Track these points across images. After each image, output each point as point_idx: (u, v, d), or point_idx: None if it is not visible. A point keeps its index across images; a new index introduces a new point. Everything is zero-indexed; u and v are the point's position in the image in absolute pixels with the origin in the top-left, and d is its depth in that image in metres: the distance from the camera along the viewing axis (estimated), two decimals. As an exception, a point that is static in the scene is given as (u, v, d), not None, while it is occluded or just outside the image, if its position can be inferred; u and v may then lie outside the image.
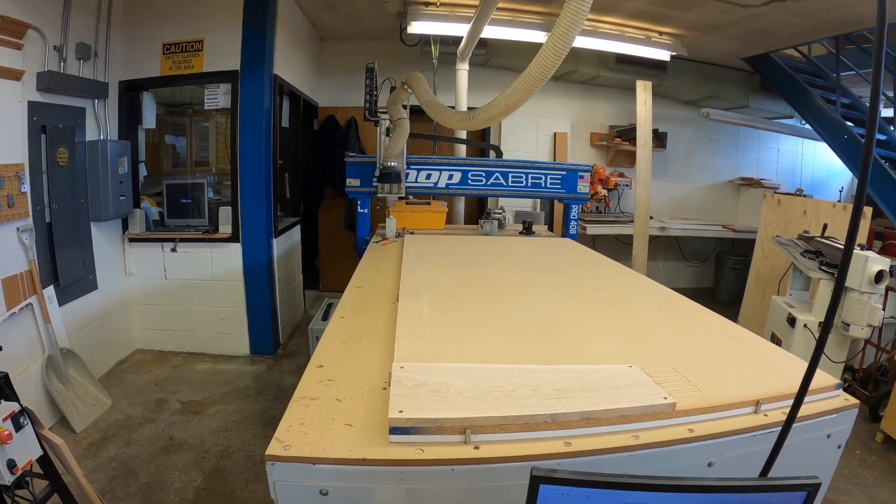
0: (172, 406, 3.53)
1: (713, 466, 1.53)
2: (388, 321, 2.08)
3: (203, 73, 4.23)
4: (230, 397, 3.68)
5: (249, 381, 3.93)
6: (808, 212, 4.85)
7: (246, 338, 4.42)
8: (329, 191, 6.29)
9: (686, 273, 7.41)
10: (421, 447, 1.21)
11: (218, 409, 3.51)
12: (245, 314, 4.37)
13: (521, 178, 4.38)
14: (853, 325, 3.27)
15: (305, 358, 4.40)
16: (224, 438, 3.18)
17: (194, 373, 4.02)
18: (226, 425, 3.32)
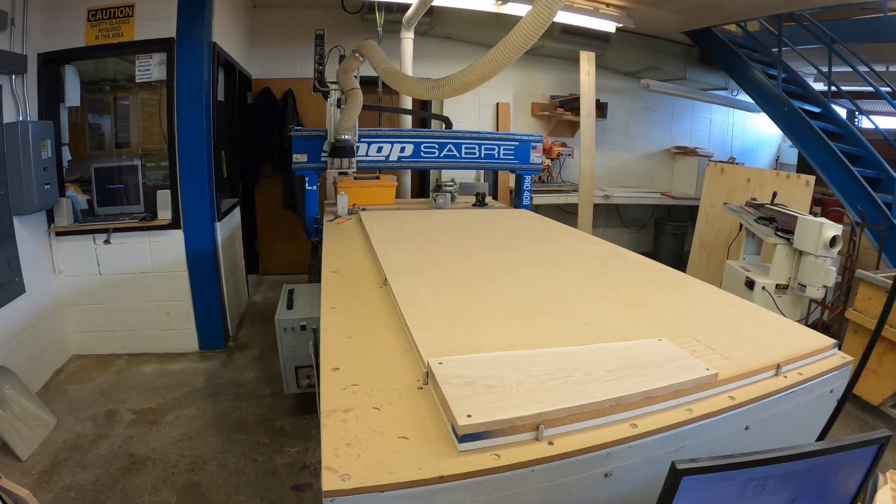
0: (125, 417, 3.17)
1: (750, 430, 1.54)
2: (384, 308, 1.94)
3: (134, 41, 3.76)
4: (187, 401, 3.37)
5: (204, 381, 3.63)
6: (752, 180, 5.05)
7: (194, 332, 4.07)
8: (266, 168, 5.93)
9: (626, 239, 7.60)
10: (496, 452, 1.08)
11: (176, 416, 3.20)
12: (191, 307, 4.02)
13: (475, 149, 4.27)
14: (809, 286, 3.44)
15: (259, 350, 4.15)
16: (190, 448, 2.90)
17: (141, 376, 3.66)
18: (189, 433, 3.03)
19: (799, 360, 1.70)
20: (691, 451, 1.40)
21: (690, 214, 7.22)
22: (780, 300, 3.60)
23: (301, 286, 3.47)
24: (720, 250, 5.38)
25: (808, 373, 1.69)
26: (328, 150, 3.71)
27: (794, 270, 3.56)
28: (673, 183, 7.53)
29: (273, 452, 2.88)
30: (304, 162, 3.84)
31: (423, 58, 5.55)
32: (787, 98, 4.84)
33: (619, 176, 7.37)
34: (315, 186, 3.94)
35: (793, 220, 3.55)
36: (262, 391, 3.55)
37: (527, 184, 4.54)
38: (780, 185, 4.60)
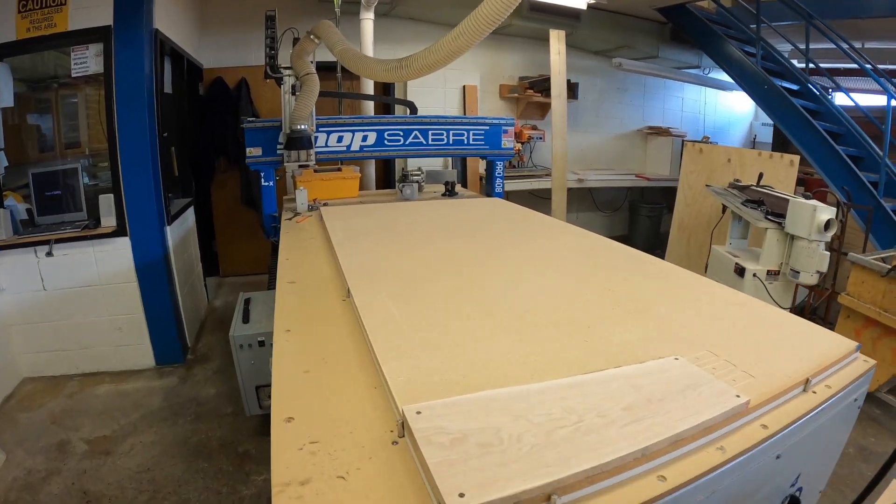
0: (78, 448, 2.84)
1: (780, 459, 1.34)
2: (348, 328, 1.66)
3: (68, 32, 3.36)
4: (143, 425, 3.06)
5: (161, 401, 3.31)
6: (732, 160, 4.89)
7: (149, 347, 3.74)
8: (221, 163, 5.55)
9: (600, 223, 7.45)
10: (499, 539, 0.83)
11: (132, 444, 2.88)
12: (144, 320, 3.68)
13: (442, 135, 4.00)
14: (803, 272, 3.28)
15: (220, 361, 3.84)
16: (148, 482, 2.59)
17: (95, 399, 3.32)
18: (146, 463, 2.72)
19: (826, 370, 1.51)
20: (721, 495, 1.19)
21: (665, 196, 7.11)
22: (771, 287, 3.44)
23: (258, 294, 3.17)
24: (701, 233, 5.23)
25: (836, 385, 1.50)
26: (284, 141, 3.39)
27: (785, 256, 3.39)
28: (646, 164, 7.39)
29: (238, 482, 2.60)
30: (259, 156, 3.51)
31: (385, 40, 5.22)
32: (766, 75, 4.68)
33: (592, 158, 7.18)
34: (272, 182, 3.62)
35: (783, 203, 3.38)
36: (223, 409, 3.25)
37: (499, 170, 4.29)
38: (763, 166, 4.45)
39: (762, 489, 1.36)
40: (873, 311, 3.19)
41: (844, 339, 1.70)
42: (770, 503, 1.46)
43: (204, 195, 5.41)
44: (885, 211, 3.81)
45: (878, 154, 4.06)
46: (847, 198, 3.92)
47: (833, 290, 4.02)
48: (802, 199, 3.29)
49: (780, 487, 1.46)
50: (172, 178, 4.29)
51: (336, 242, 2.49)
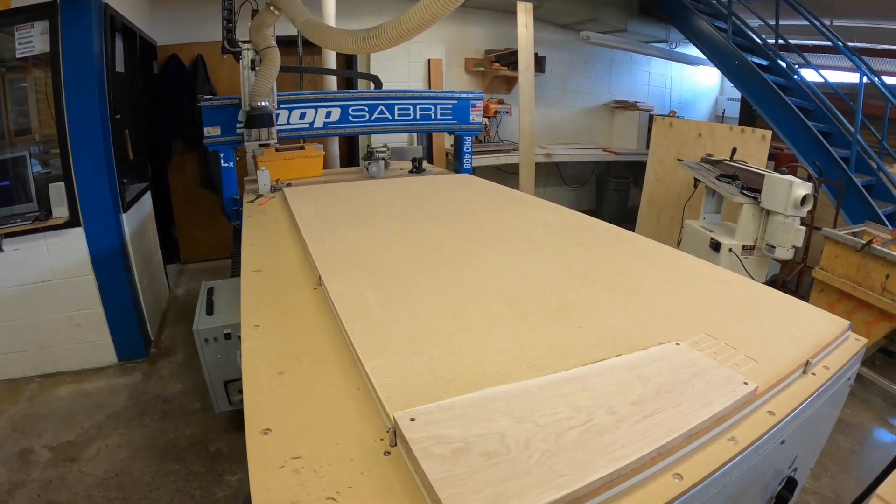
0: (41, 456, 2.64)
1: (785, 444, 1.30)
2: (322, 320, 1.53)
3: (11, 9, 3.07)
4: (108, 427, 2.88)
5: (126, 399, 3.14)
6: (702, 134, 4.87)
7: (109, 343, 3.53)
8: (178, 145, 5.28)
9: (567, 198, 7.42)
10: (515, 562, 0.74)
11: (98, 449, 2.71)
12: (103, 314, 3.47)
13: (409, 110, 3.86)
14: (779, 247, 3.27)
15: (185, 354, 3.67)
16: (117, 489, 2.43)
17: (57, 402, 3.11)
18: (114, 469, 2.56)
19: (822, 350, 1.48)
20: (731, 487, 1.13)
21: (632, 170, 7.12)
22: (747, 261, 3.43)
23: (222, 283, 3.01)
24: (671, 208, 5.23)
25: (833, 365, 1.47)
26: (244, 119, 3.21)
27: (761, 230, 3.38)
28: (612, 138, 7.37)
29: (211, 484, 2.47)
30: (218, 136, 3.31)
31: (347, 13, 4.99)
32: (737, 50, 4.65)
33: (558, 132, 7.12)
34: (232, 163, 3.42)
35: (758, 179, 3.37)
36: (191, 406, 3.10)
37: (467, 145, 4.17)
38: (735, 140, 4.44)
39: (766, 475, 1.32)
40: (847, 285, 3.22)
41: (836, 317, 1.67)
42: (770, 487, 1.43)
43: (161, 179, 5.15)
44: (856, 186, 3.85)
45: (850, 130, 4.09)
46: (818, 173, 3.93)
47: (805, 264, 4.06)
48: (778, 174, 3.28)
49: (780, 471, 1.42)
50: (127, 163, 4.04)
51: (303, 226, 2.34)
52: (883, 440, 2.90)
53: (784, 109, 4.26)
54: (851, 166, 3.97)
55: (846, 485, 2.46)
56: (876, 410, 3.09)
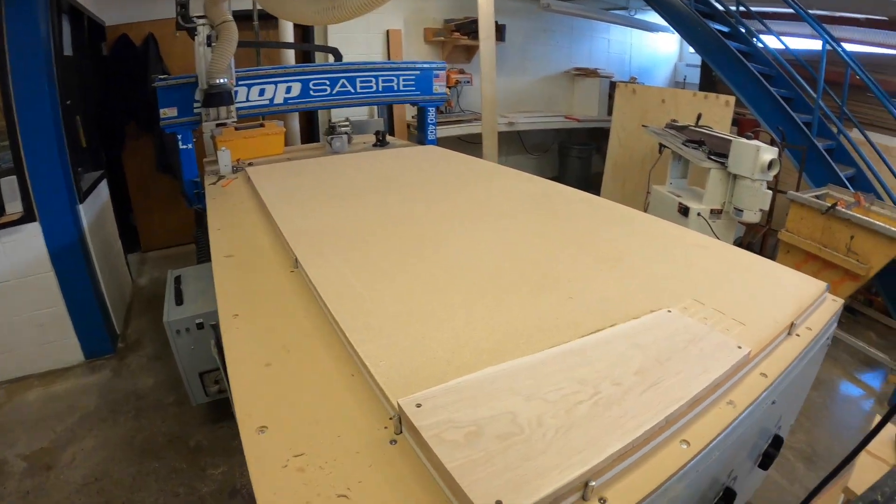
0: (16, 467, 2.50)
1: (775, 404, 1.33)
2: (303, 304, 1.48)
3: None
4: (82, 430, 2.77)
5: (97, 399, 3.02)
6: (666, 100, 4.90)
7: (75, 341, 3.38)
8: (132, 129, 5.05)
9: (530, 165, 7.42)
10: (542, 544, 0.73)
11: (74, 453, 2.60)
12: (66, 311, 3.31)
13: (371, 82, 3.77)
14: (746, 210, 3.34)
15: (153, 347, 3.56)
16: (98, 493, 2.34)
17: (26, 407, 2.96)
18: (93, 473, 2.46)
19: (805, 312, 1.51)
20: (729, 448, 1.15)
21: (593, 137, 7.16)
22: (715, 225, 3.50)
23: (189, 270, 2.91)
24: (636, 173, 5.29)
25: (815, 326, 1.52)
26: (201, 98, 3.07)
27: (728, 195, 3.45)
28: (573, 105, 7.37)
29: (195, 479, 2.41)
30: (174, 117, 3.16)
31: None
32: (699, 17, 4.66)
33: (519, 101, 7.07)
34: (190, 144, 3.28)
35: (725, 144, 3.41)
36: (165, 400, 3.01)
37: (431, 116, 4.14)
38: (699, 106, 4.49)
39: (757, 435, 1.35)
40: (813, 246, 3.31)
41: (813, 279, 1.70)
42: (758, 446, 1.46)
43: (116, 166, 4.93)
44: (818, 150, 3.94)
45: (811, 95, 4.17)
46: (781, 137, 4.01)
47: (769, 226, 4.16)
48: (745, 139, 3.33)
49: (768, 429, 1.46)
50: (80, 151, 3.84)
51: (271, 206, 2.25)
52: (852, 395, 3.03)
53: (746, 75, 4.31)
54: (813, 131, 4.06)
55: (821, 439, 2.57)
56: (844, 367, 3.22)
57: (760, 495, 2.19)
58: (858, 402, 2.97)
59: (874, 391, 3.02)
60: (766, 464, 1.53)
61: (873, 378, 3.14)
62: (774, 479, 2.29)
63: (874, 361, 3.20)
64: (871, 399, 2.97)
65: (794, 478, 2.32)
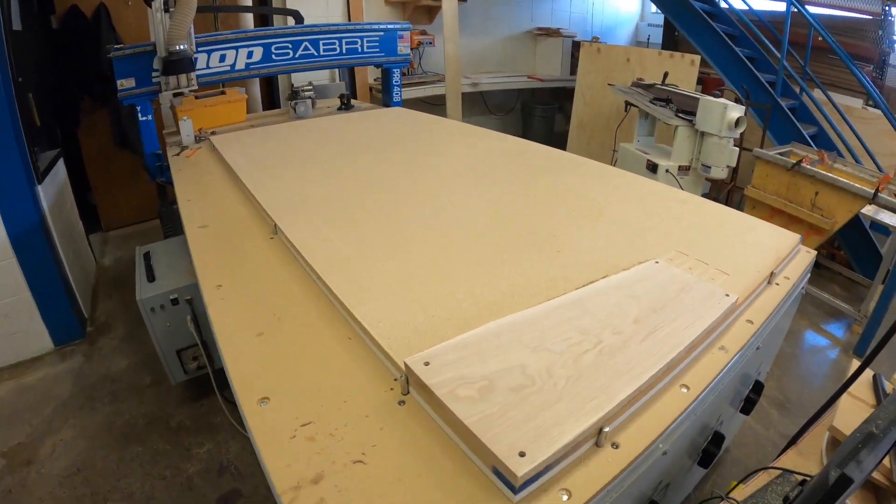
0: None
1: (759, 350, 1.39)
2: (287, 271, 1.45)
3: None
4: (59, 420, 2.68)
5: (71, 387, 2.92)
6: (631, 59, 4.92)
7: (43, 329, 3.25)
8: (86, 104, 4.82)
9: (493, 125, 7.28)
10: (562, 489, 0.75)
11: (53, 445, 2.51)
12: (31, 299, 3.17)
13: (335, 44, 3.66)
14: (714, 167, 3.39)
15: (124, 328, 3.45)
16: (83, 484, 2.27)
17: None
18: (75, 464, 2.38)
19: (782, 262, 1.57)
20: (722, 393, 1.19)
21: (556, 96, 7.16)
22: (683, 181, 3.56)
23: (158, 246, 2.81)
24: (601, 131, 5.33)
25: (792, 275, 1.58)
26: (160, 67, 2.94)
27: (696, 151, 3.50)
28: (536, 65, 7.32)
29: (180, 460, 2.37)
30: (132, 87, 3.01)
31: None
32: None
33: (482, 61, 6.97)
34: (150, 116, 3.14)
35: (692, 102, 3.45)
36: (141, 382, 2.94)
37: (396, 78, 4.07)
38: (664, 65, 4.51)
39: (740, 381, 1.39)
40: (779, 202, 3.40)
41: (788, 232, 1.76)
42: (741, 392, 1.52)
43: (71, 143, 4.70)
44: (781, 109, 4.01)
45: (775, 56, 4.23)
46: (746, 96, 4.07)
47: (735, 183, 4.26)
48: (712, 97, 3.36)
49: (749, 376, 1.51)
50: (35, 130, 3.66)
51: (242, 175, 2.20)
52: (819, 344, 3.16)
53: (711, 35, 4.34)
54: (777, 90, 4.13)
55: (792, 387, 2.67)
56: (810, 318, 3.34)
57: (738, 441, 2.29)
58: (825, 352, 3.09)
59: (840, 340, 3.15)
60: (748, 409, 1.60)
61: (838, 328, 3.27)
62: (750, 425, 2.38)
63: (839, 312, 3.33)
64: (836, 348, 3.09)
65: (769, 423, 2.42)
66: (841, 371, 2.83)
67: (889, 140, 4.26)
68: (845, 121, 4.09)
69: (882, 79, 5.12)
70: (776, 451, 2.22)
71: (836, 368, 2.88)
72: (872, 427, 0.77)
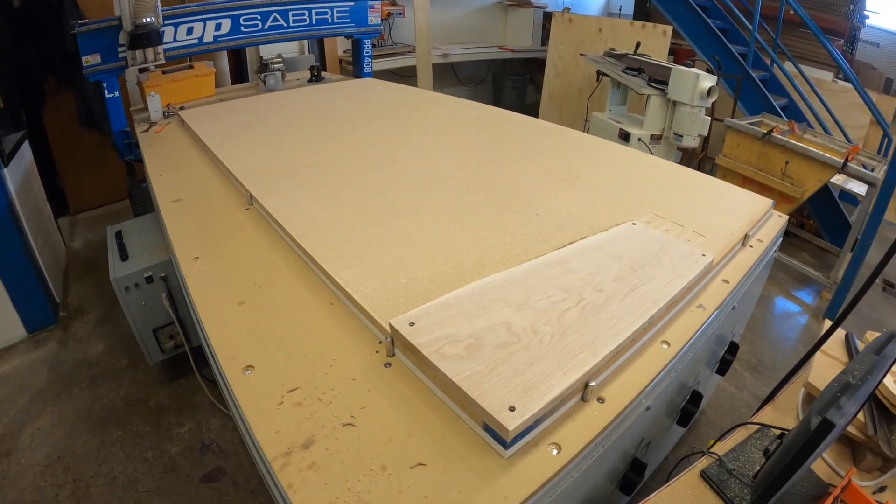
0: None
1: (735, 310, 1.41)
2: (267, 240, 1.44)
3: None
4: (36, 409, 2.62)
5: (47, 373, 2.86)
6: (603, 30, 4.91)
7: (15, 316, 3.16)
8: (51, 84, 4.66)
9: (464, 96, 7.22)
10: (551, 443, 0.76)
11: (32, 434, 2.45)
12: (2, 286, 3.09)
13: (304, 14, 3.62)
14: (686, 136, 3.43)
15: (98, 311, 3.38)
16: (64, 472, 2.23)
17: None
18: (55, 452, 2.34)
19: (755, 225, 1.60)
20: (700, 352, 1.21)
21: (527, 67, 7.14)
22: (655, 150, 3.59)
23: (129, 224, 2.75)
24: (573, 102, 5.34)
25: (766, 238, 1.61)
26: (126, 42, 2.86)
27: (668, 121, 3.53)
28: (507, 36, 7.28)
29: (162, 441, 2.35)
30: (98, 64, 2.92)
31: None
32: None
33: (452, 32, 6.90)
34: (117, 92, 3.06)
35: (665, 71, 3.46)
36: (118, 364, 2.89)
37: (367, 49, 4.04)
38: (637, 35, 4.51)
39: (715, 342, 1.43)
40: (749, 170, 3.45)
41: (760, 196, 1.80)
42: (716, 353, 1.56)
43: (36, 125, 4.55)
44: (752, 80, 4.06)
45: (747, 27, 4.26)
46: (717, 67, 4.10)
47: (706, 153, 4.31)
48: (684, 67, 3.38)
49: (724, 337, 1.55)
50: (0, 112, 3.54)
51: (214, 147, 2.16)
52: (789, 310, 3.24)
53: (683, 6, 4.35)
54: (749, 61, 4.17)
55: (764, 350, 2.75)
56: (780, 284, 3.43)
57: (714, 403, 2.35)
58: (796, 317, 3.18)
59: (809, 306, 3.24)
60: (724, 370, 1.65)
61: (807, 294, 3.36)
62: (724, 387, 2.45)
63: (808, 279, 3.42)
64: (807, 314, 3.18)
65: (743, 386, 2.49)
66: (811, 335, 2.92)
67: (858, 113, 4.34)
68: (815, 93, 4.16)
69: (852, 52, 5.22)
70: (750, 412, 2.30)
71: (806, 333, 2.96)
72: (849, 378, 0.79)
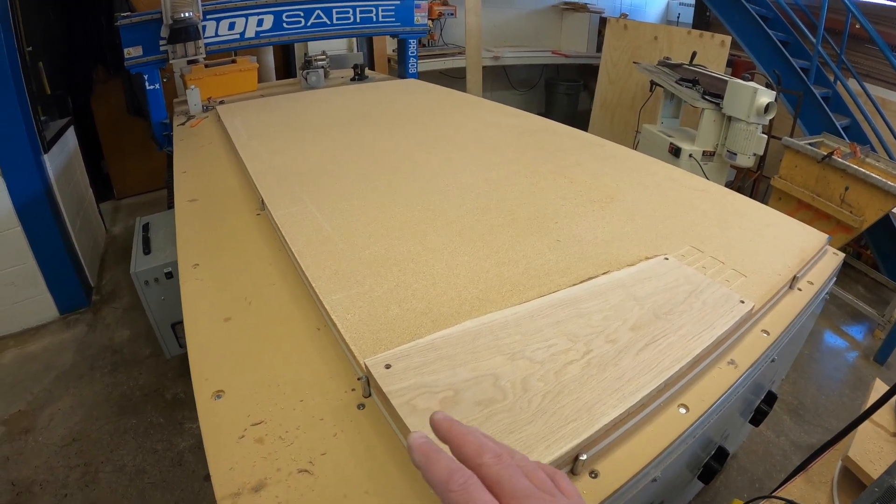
0: None
1: (775, 362, 1.25)
2: (269, 249, 1.36)
3: None
4: (59, 389, 2.67)
5: (73, 355, 2.92)
6: (659, 38, 4.69)
7: (48, 297, 3.24)
8: (99, 73, 4.78)
9: (515, 101, 7.16)
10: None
11: (51, 414, 2.50)
12: (37, 267, 3.16)
13: (348, 12, 3.56)
14: (740, 154, 3.21)
15: (129, 297, 3.44)
16: (77, 454, 2.26)
17: (2, 370, 2.80)
18: (71, 434, 2.37)
19: (807, 265, 1.41)
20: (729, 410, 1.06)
21: (581, 73, 6.93)
22: (707, 167, 3.39)
23: (158, 217, 2.77)
24: (625, 111, 5.13)
25: (817, 280, 1.42)
26: (167, 35, 2.88)
27: (721, 137, 3.32)
28: (562, 40, 7.08)
29: (173, 434, 2.35)
30: (139, 56, 2.95)
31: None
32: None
33: (505, 35, 6.77)
34: (158, 84, 3.08)
35: (721, 84, 3.26)
36: (141, 352, 2.92)
37: (412, 49, 3.95)
38: (693, 45, 4.29)
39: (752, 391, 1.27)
40: (806, 195, 3.20)
41: (815, 230, 1.59)
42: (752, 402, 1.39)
43: (85, 113, 4.67)
44: (814, 97, 3.78)
45: (810, 41, 3.98)
46: (777, 81, 3.85)
47: (761, 172, 4.05)
48: (741, 80, 3.17)
49: (762, 386, 1.38)
50: (45, 99, 3.61)
51: (240, 145, 2.10)
52: (837, 347, 2.99)
53: (744, 16, 4.10)
54: (811, 77, 3.90)
55: (808, 391, 2.53)
56: (831, 319, 3.17)
57: (746, 447, 2.17)
58: (843, 355, 2.93)
59: (860, 345, 2.99)
60: (758, 420, 1.47)
61: (859, 331, 3.10)
62: (760, 431, 2.26)
63: (860, 315, 3.15)
64: (855, 352, 2.93)
65: (781, 430, 2.29)
66: (859, 378, 2.67)
67: (926, 137, 4.01)
68: (880, 114, 3.85)
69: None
70: (786, 461, 2.10)
71: (854, 374, 2.73)
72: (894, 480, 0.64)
